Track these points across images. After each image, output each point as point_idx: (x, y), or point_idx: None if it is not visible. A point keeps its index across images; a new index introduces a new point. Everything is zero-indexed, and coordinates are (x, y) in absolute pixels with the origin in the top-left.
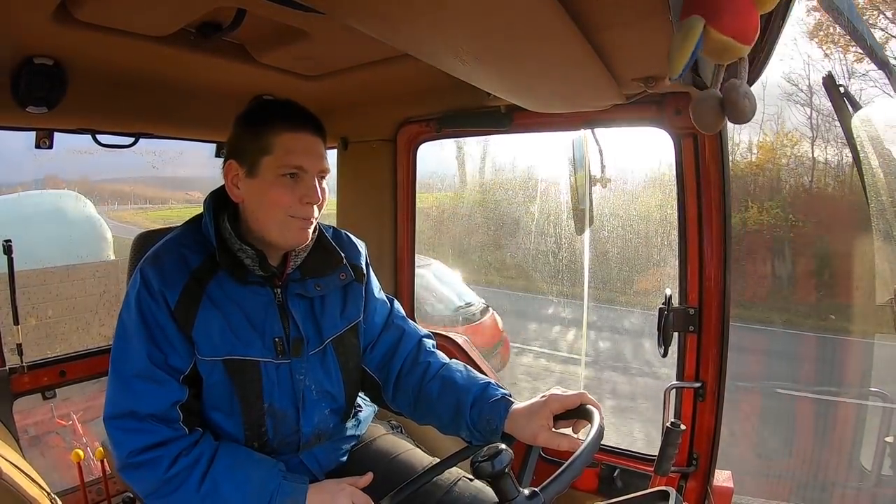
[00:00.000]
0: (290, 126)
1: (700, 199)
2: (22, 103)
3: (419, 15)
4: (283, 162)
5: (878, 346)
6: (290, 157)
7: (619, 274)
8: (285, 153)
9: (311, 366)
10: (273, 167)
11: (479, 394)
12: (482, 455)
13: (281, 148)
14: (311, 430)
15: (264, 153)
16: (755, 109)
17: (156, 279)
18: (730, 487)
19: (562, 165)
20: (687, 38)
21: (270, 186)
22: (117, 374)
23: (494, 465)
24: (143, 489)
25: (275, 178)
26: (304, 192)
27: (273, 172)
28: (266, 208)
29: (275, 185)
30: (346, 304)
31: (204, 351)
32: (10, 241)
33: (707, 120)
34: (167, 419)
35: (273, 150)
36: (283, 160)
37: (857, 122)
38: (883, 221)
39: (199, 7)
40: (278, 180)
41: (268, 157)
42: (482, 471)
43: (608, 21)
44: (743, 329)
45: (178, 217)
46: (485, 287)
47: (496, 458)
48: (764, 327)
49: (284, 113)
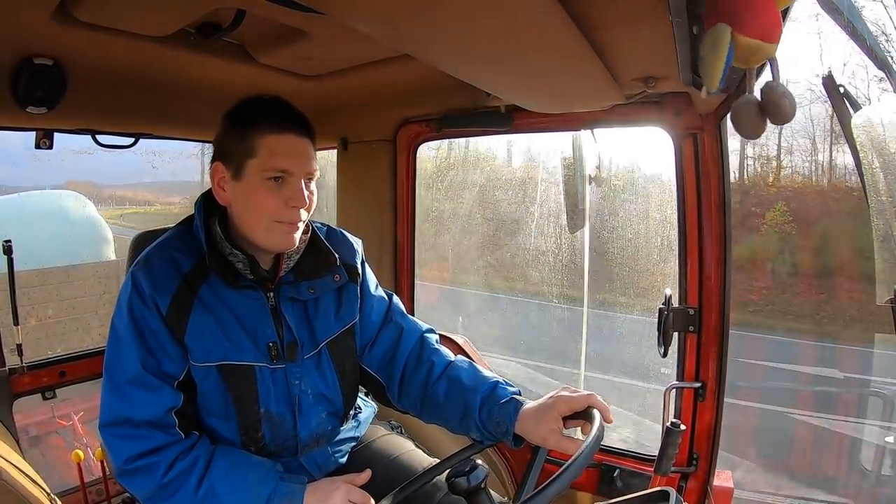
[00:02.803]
0: (275, 127)
1: (700, 199)
2: (22, 103)
3: (419, 15)
4: (267, 165)
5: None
6: (275, 159)
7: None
8: (270, 156)
9: (306, 370)
10: (258, 170)
11: (487, 394)
12: (457, 470)
13: (266, 150)
14: (309, 434)
15: (249, 156)
16: (795, 108)
17: (147, 284)
18: (730, 487)
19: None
20: (717, 48)
21: (255, 190)
22: (111, 380)
23: (470, 480)
24: (141, 494)
25: (259, 181)
26: (289, 195)
27: (258, 176)
28: (251, 212)
29: (259, 189)
30: (341, 306)
31: (197, 356)
32: (10, 242)
33: (749, 125)
34: (163, 425)
35: (257, 152)
36: (267, 163)
37: (857, 121)
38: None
39: (199, 7)
40: (263, 184)
41: (252, 159)
42: (458, 487)
43: (608, 21)
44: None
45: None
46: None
47: (472, 473)
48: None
49: (270, 113)
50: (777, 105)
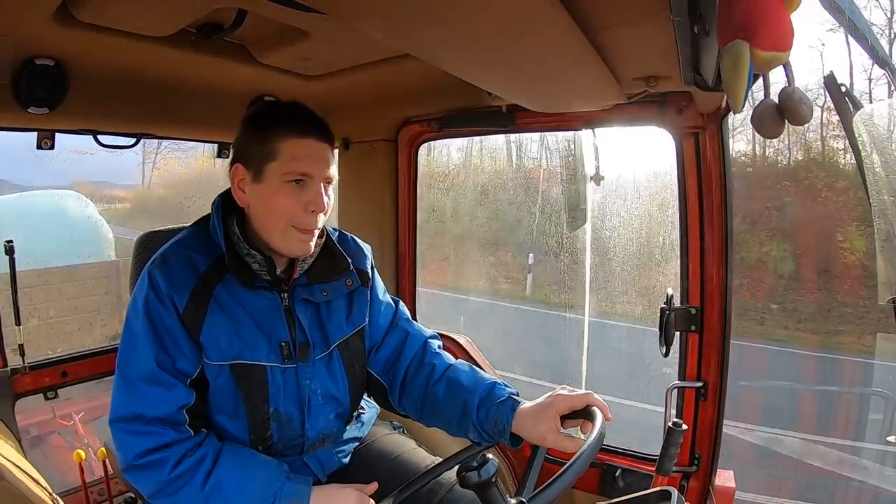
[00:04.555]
0: (296, 131)
1: (702, 199)
2: (23, 104)
3: (420, 15)
4: (288, 168)
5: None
6: (296, 163)
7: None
8: (291, 159)
9: (317, 370)
10: (278, 173)
11: (485, 394)
12: (469, 464)
13: (287, 153)
14: (316, 434)
15: (270, 159)
16: (812, 110)
17: (164, 282)
18: (732, 487)
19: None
20: (738, 65)
21: (275, 193)
22: (124, 376)
23: (481, 474)
24: (147, 489)
25: (280, 184)
26: (309, 198)
27: (278, 179)
28: (270, 214)
29: (279, 192)
30: (352, 309)
31: (211, 355)
32: (12, 242)
33: (770, 129)
34: (173, 422)
35: (279, 155)
36: (288, 166)
37: (859, 120)
38: (884, 221)
39: (200, 7)
40: (283, 187)
41: (273, 162)
42: (468, 480)
43: (609, 21)
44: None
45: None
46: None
47: (482, 467)
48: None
49: (291, 117)
50: (795, 111)
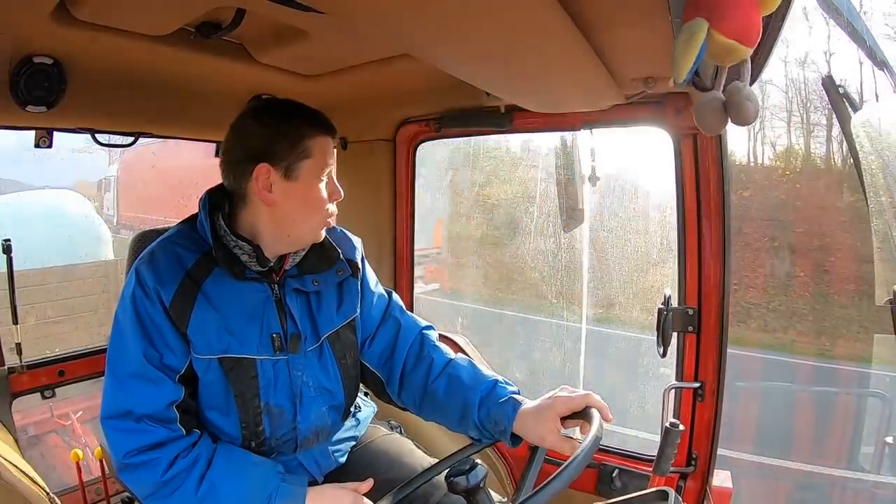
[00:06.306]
0: (321, 129)
1: (699, 200)
2: (21, 103)
3: (419, 15)
4: (322, 164)
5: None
6: (326, 159)
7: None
8: (322, 156)
9: (308, 362)
10: (314, 170)
11: (486, 393)
12: (457, 470)
13: (319, 151)
14: (309, 427)
15: (304, 156)
16: (758, 111)
17: (151, 277)
18: (729, 488)
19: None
20: (691, 41)
21: (313, 189)
22: (113, 373)
23: (469, 479)
24: (141, 491)
25: (318, 181)
26: (332, 189)
27: (315, 175)
28: (308, 209)
29: (316, 188)
30: (343, 300)
31: (199, 349)
32: (10, 241)
33: (710, 123)
34: (164, 419)
35: (313, 153)
36: (321, 163)
37: (857, 122)
38: (882, 222)
39: (199, 6)
40: (319, 183)
41: (309, 160)
42: (457, 486)
43: (608, 21)
44: None
45: None
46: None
47: (470, 472)
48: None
49: (312, 115)
50: (738, 107)
